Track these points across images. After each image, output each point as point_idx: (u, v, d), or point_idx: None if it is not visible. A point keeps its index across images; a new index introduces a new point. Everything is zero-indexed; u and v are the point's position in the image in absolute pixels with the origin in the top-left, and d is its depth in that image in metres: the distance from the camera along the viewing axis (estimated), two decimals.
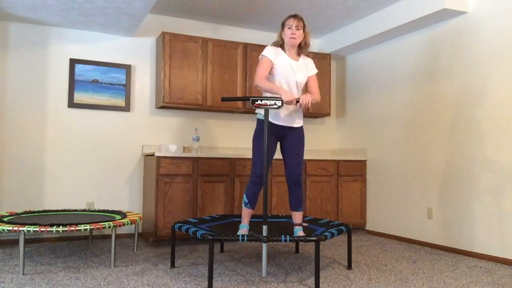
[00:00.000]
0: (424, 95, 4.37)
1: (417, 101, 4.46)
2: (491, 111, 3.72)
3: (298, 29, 3.09)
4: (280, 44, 3.17)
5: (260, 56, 3.12)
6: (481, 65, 3.81)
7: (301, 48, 3.20)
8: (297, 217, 3.18)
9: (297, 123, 3.18)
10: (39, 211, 3.97)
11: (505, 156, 3.59)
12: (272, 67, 3.09)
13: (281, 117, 3.11)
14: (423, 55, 4.40)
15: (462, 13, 3.96)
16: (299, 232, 3.11)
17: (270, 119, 3.10)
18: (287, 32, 3.09)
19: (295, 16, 3.10)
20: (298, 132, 3.18)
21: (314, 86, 3.23)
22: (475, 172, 3.82)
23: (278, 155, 4.67)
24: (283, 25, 3.14)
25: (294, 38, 3.08)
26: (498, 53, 3.68)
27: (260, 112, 3.12)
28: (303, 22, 3.12)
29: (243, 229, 3.12)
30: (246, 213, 3.17)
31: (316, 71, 3.26)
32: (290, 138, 3.17)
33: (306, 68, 3.20)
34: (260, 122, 3.13)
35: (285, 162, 3.20)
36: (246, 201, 3.14)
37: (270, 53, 3.09)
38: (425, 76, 4.38)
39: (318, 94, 3.22)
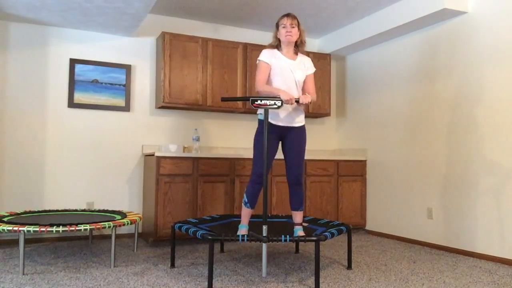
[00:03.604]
0: (424, 95, 4.37)
1: (417, 101, 4.46)
2: (490, 111, 3.72)
3: (293, 27, 3.10)
4: (276, 45, 3.19)
5: (257, 61, 3.16)
6: (481, 65, 3.81)
7: (298, 47, 3.21)
8: (298, 216, 3.18)
9: (297, 122, 3.18)
10: (39, 211, 3.97)
11: (504, 156, 3.59)
12: (270, 69, 3.12)
13: (281, 118, 3.11)
14: (423, 55, 4.40)
15: (462, 13, 3.96)
16: (299, 231, 3.11)
17: (270, 120, 3.10)
18: (282, 32, 3.11)
19: (288, 15, 3.12)
20: (299, 132, 3.18)
21: (311, 86, 3.23)
22: (475, 172, 3.82)
23: (279, 155, 4.67)
24: (277, 26, 3.16)
25: (290, 35, 3.10)
26: (498, 53, 3.68)
27: (261, 112, 3.14)
28: (297, 20, 3.13)
29: (243, 229, 3.13)
30: (245, 213, 3.17)
31: (314, 69, 3.27)
32: (291, 138, 3.17)
33: (305, 67, 3.21)
34: (261, 123, 3.14)
35: (286, 162, 3.20)
36: (246, 200, 3.14)
37: (266, 56, 3.11)
38: (425, 76, 4.38)
39: (314, 93, 3.23)
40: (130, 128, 4.62)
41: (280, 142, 3.23)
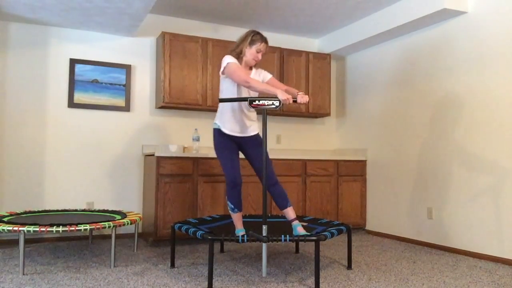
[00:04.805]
0: (424, 95, 4.37)
1: (417, 101, 4.46)
2: (492, 112, 3.72)
3: (263, 55, 3.16)
4: (238, 54, 3.16)
5: (226, 64, 3.05)
6: (482, 65, 3.81)
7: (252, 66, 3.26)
8: (290, 213, 3.15)
9: (252, 131, 3.21)
10: (39, 211, 3.97)
11: (504, 156, 3.59)
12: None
13: (235, 129, 3.15)
14: (423, 55, 4.40)
15: (462, 13, 3.96)
16: (298, 227, 3.07)
17: (225, 130, 3.15)
18: (254, 53, 3.12)
19: (266, 41, 3.15)
20: (255, 141, 3.23)
21: (279, 84, 3.24)
22: (475, 172, 3.82)
23: (279, 155, 4.67)
24: (252, 42, 3.11)
25: (256, 62, 3.16)
26: (498, 53, 3.68)
27: (216, 122, 3.19)
28: None
29: (240, 233, 3.13)
30: (236, 218, 3.19)
31: (271, 75, 3.31)
32: (250, 146, 3.21)
33: (260, 77, 3.26)
34: (216, 132, 3.18)
35: (254, 167, 3.23)
36: (232, 206, 3.16)
37: (234, 59, 3.09)
38: (425, 76, 4.37)
39: (284, 86, 3.22)
40: (130, 128, 4.62)
41: (240, 149, 3.27)
